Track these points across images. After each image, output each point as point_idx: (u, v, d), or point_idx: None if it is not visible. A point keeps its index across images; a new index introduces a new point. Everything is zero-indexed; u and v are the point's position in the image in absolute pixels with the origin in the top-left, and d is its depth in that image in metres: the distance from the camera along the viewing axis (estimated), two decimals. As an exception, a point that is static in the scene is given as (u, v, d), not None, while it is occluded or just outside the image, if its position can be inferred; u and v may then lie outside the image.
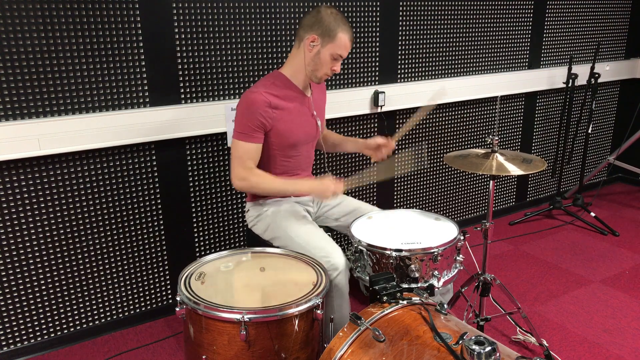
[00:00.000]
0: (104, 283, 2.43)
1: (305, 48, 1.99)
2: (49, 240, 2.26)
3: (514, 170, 1.97)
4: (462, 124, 3.37)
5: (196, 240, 2.61)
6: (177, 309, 1.64)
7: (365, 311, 1.50)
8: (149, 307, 2.58)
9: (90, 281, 2.39)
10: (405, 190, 3.26)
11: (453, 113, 3.30)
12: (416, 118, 2.25)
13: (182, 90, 2.39)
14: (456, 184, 3.49)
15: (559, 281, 2.87)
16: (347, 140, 2.38)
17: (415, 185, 3.29)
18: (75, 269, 2.34)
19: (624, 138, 3.86)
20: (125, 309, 2.52)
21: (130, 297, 2.52)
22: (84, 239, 2.33)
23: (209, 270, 1.80)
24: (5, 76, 2.03)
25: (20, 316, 2.28)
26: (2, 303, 2.23)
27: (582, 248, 3.26)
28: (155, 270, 2.55)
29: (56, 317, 2.36)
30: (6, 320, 2.25)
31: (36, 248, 2.24)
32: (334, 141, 2.40)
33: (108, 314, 2.48)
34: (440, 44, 3.11)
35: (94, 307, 2.44)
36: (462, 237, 1.97)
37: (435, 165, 3.34)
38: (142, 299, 2.55)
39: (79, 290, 2.38)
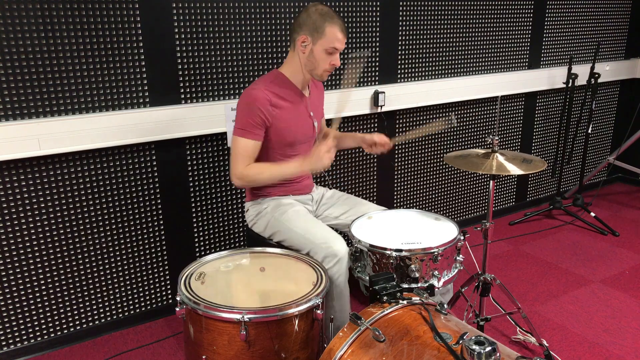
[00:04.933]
0: (104, 283, 2.43)
1: (299, 49, 2.00)
2: (49, 240, 2.26)
3: (514, 170, 1.97)
4: (462, 124, 3.37)
5: (196, 240, 2.61)
6: (177, 309, 1.64)
7: (365, 311, 1.50)
8: (149, 307, 2.58)
9: (90, 281, 2.39)
10: (405, 190, 3.26)
11: (453, 113, 3.30)
12: (421, 131, 2.28)
13: (182, 90, 2.39)
14: (456, 184, 3.49)
15: (559, 281, 2.87)
16: (346, 135, 2.38)
17: (415, 185, 3.29)
18: (75, 269, 2.34)
19: (624, 138, 3.86)
20: (125, 309, 2.52)
21: (130, 297, 2.51)
22: (84, 239, 2.33)
23: (209, 270, 1.80)
24: (5, 76, 2.03)
25: (20, 316, 2.28)
26: (2, 303, 2.23)
27: (582, 248, 3.26)
28: (155, 270, 2.55)
29: (56, 317, 2.36)
30: (6, 320, 2.25)
31: (36, 248, 2.24)
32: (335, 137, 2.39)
33: (108, 314, 2.48)
34: (440, 44, 3.11)
35: (94, 307, 2.44)
36: (462, 237, 1.97)
37: (435, 165, 3.34)
38: (142, 299, 2.55)
39: (79, 290, 2.38)
